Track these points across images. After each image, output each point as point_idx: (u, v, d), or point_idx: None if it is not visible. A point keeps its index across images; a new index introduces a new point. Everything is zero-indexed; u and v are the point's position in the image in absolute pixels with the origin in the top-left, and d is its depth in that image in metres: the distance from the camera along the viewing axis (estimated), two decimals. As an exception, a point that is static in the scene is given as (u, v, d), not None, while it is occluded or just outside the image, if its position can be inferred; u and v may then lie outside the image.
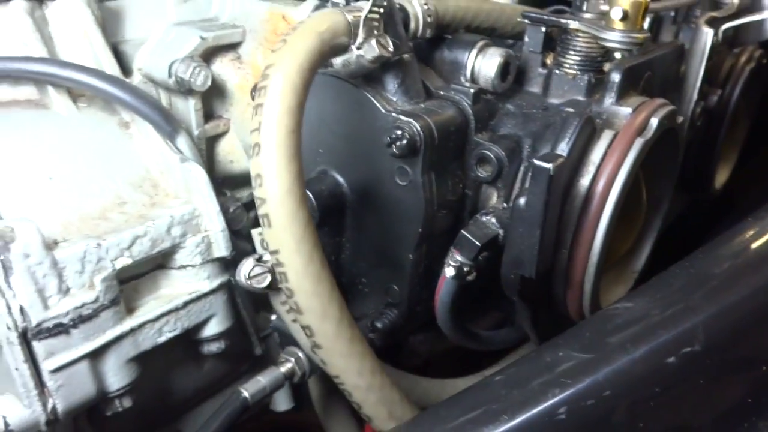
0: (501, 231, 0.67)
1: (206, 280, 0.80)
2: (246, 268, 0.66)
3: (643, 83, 0.73)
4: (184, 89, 0.83)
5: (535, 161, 0.58)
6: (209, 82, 0.84)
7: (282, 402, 1.01)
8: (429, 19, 0.69)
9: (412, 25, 0.69)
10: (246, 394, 0.75)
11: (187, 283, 0.80)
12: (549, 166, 0.58)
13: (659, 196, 0.79)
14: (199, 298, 0.79)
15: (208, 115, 0.90)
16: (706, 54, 0.76)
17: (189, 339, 0.82)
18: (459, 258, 0.67)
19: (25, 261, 0.66)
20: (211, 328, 0.82)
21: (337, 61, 0.65)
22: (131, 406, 0.76)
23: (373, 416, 0.62)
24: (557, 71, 0.71)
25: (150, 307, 0.76)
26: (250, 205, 0.92)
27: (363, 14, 0.62)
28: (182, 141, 0.82)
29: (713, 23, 0.78)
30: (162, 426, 0.89)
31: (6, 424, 0.66)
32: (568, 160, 0.62)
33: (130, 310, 0.75)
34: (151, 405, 0.85)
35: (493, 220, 0.67)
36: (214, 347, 0.84)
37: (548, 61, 0.73)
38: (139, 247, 0.74)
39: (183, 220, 0.78)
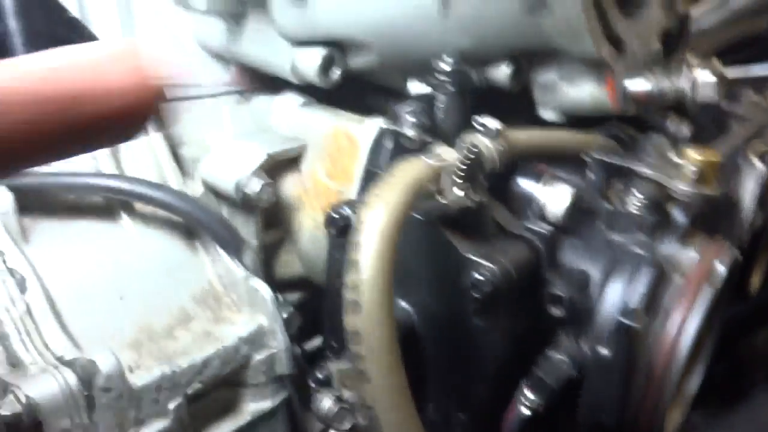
0: (574, 372, 0.69)
1: (269, 398, 0.82)
2: (326, 404, 0.67)
3: (701, 218, 0.76)
4: (249, 204, 0.85)
5: (622, 319, 0.61)
6: (274, 199, 0.86)
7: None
8: (502, 158, 0.72)
9: (487, 165, 0.71)
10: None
11: (251, 400, 0.81)
12: (637, 325, 0.60)
13: (710, 328, 0.81)
14: (262, 417, 0.81)
15: (267, 224, 0.92)
16: (759, 187, 0.80)
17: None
18: (532, 397, 0.68)
19: (106, 395, 0.67)
20: (272, 442, 0.83)
21: (421, 205, 0.67)
22: None
23: None
24: (622, 209, 0.74)
25: (216, 428, 0.77)
26: (299, 307, 0.94)
27: (451, 166, 0.65)
28: (247, 257, 0.84)
29: (763, 156, 0.82)
30: None
31: None
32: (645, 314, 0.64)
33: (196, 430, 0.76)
34: None
35: (566, 359, 0.69)
36: (271, 461, 0.85)
37: (610, 195, 0.76)
38: (210, 370, 0.76)
39: (250, 340, 0.79)
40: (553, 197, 0.74)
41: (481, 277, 0.66)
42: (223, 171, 0.86)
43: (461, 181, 0.66)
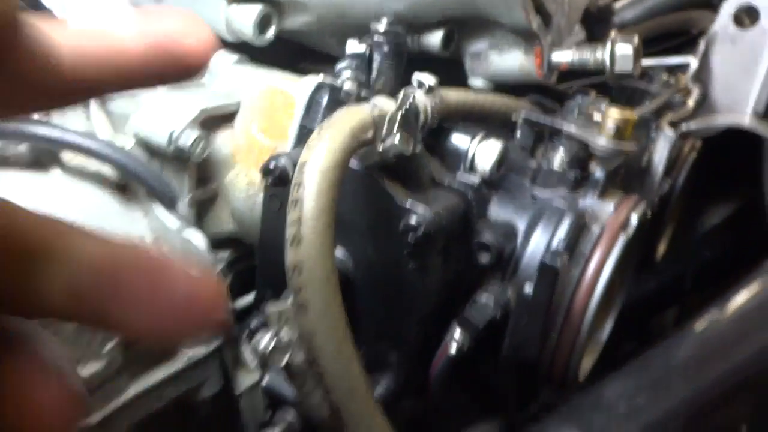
0: (498, 313, 0.73)
1: (203, 344, 0.82)
2: (264, 343, 0.68)
3: (618, 178, 0.82)
4: (182, 158, 0.85)
5: (545, 261, 0.65)
6: (207, 153, 0.86)
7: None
8: (436, 114, 0.75)
9: (422, 118, 0.74)
10: (244, 462, 0.78)
11: (184, 347, 0.81)
12: (558, 266, 0.65)
13: (623, 278, 0.87)
14: (196, 363, 0.81)
15: (198, 180, 0.92)
16: (668, 152, 0.87)
17: (179, 402, 0.84)
18: (459, 337, 0.72)
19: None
20: (206, 391, 0.84)
21: (358, 153, 0.69)
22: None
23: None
24: (546, 166, 0.79)
25: (151, 374, 0.78)
26: (228, 266, 0.95)
27: (389, 114, 0.67)
28: (180, 209, 0.84)
29: (674, 124, 0.89)
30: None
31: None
32: (567, 256, 0.69)
33: (132, 377, 0.76)
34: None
35: (492, 302, 0.74)
36: (206, 409, 0.85)
37: (536, 153, 0.81)
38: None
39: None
40: (483, 153, 0.78)
41: (414, 223, 0.69)
42: (156, 124, 0.86)
43: (398, 129, 0.69)
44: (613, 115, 0.73)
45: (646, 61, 1.09)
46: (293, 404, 0.83)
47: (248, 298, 0.96)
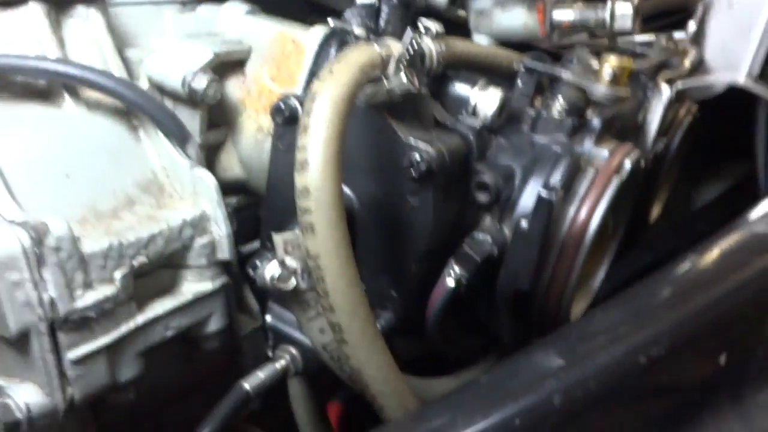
0: (495, 250, 0.76)
1: (209, 280, 0.85)
2: (270, 270, 0.71)
3: (613, 129, 0.85)
4: (195, 100, 0.88)
5: (541, 192, 0.68)
6: (219, 96, 0.89)
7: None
8: (441, 59, 0.78)
9: (427, 63, 0.77)
10: (247, 387, 0.81)
11: (191, 282, 0.84)
12: (552, 197, 0.68)
13: (616, 226, 0.91)
14: (203, 297, 0.84)
15: (209, 125, 0.94)
16: (663, 108, 0.89)
17: (186, 336, 0.87)
18: (458, 271, 0.75)
19: (56, 255, 0.69)
20: (211, 326, 0.87)
21: (366, 90, 0.72)
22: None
23: (387, 406, 0.69)
24: (545, 114, 0.82)
25: (159, 304, 0.81)
26: (236, 211, 0.97)
27: (397, 53, 0.70)
28: (191, 148, 0.87)
29: (670, 82, 0.92)
30: (146, 419, 0.92)
31: (28, 411, 0.69)
32: (563, 192, 0.72)
33: (140, 306, 0.79)
34: (142, 398, 0.88)
35: (489, 239, 0.77)
36: (210, 344, 0.88)
37: (536, 103, 0.84)
38: (154, 247, 0.79)
39: (193, 223, 0.82)
40: (485, 99, 0.80)
41: (417, 158, 0.72)
42: (170, 67, 0.89)
43: (405, 68, 0.72)
44: (610, 62, 0.76)
45: (646, 37, 1.12)
46: (295, 342, 0.87)
47: (254, 245, 0.99)
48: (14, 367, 0.70)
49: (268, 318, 0.88)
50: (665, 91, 0.91)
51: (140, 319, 0.77)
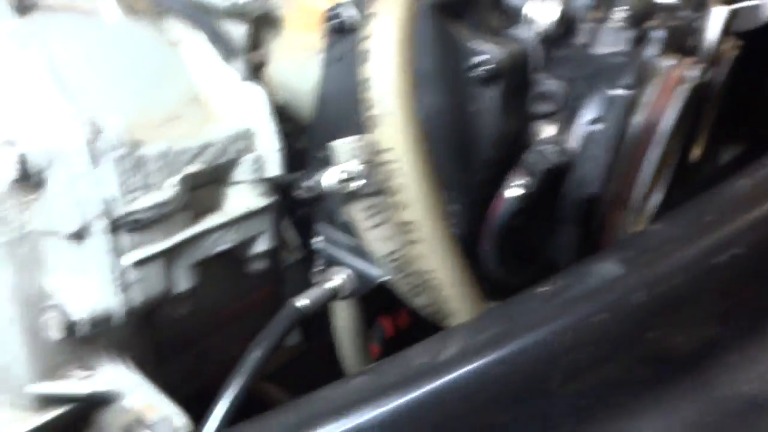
0: (560, 158, 0.75)
1: (259, 197, 0.83)
2: (330, 177, 0.69)
3: (673, 45, 0.83)
4: (239, 13, 0.85)
5: (614, 91, 0.67)
6: (264, 7, 0.86)
7: (291, 336, 1.04)
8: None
9: (488, -33, 0.75)
10: (299, 304, 0.79)
11: (240, 198, 0.82)
12: (627, 93, 0.66)
13: (671, 152, 0.89)
14: (254, 213, 0.82)
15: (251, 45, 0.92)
16: (719, 32, 0.87)
17: (234, 255, 0.85)
18: (523, 180, 0.74)
19: (114, 152, 0.67)
20: (260, 245, 0.85)
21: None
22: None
23: (458, 310, 0.67)
24: (604, 25, 0.80)
25: (210, 218, 0.79)
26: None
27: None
28: (238, 63, 0.84)
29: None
30: (191, 344, 0.90)
31: (86, 313, 0.67)
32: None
33: (193, 219, 0.77)
34: (190, 319, 0.86)
35: (554, 149, 0.75)
36: (257, 265, 0.86)
37: (594, 14, 0.82)
38: (207, 156, 0.77)
39: (242, 136, 0.80)
40: (543, 10, 0.78)
41: (484, 59, 0.70)
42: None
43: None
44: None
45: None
46: (345, 264, 0.85)
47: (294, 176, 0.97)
48: (72, 268, 0.67)
49: (316, 240, 0.86)
50: (720, 13, 0.89)
51: (194, 229, 0.75)
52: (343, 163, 0.72)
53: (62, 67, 0.71)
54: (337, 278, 0.84)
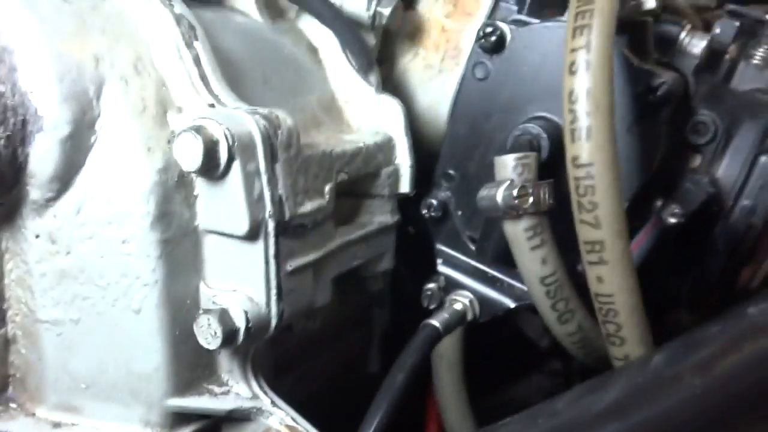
0: (713, 190, 0.74)
1: (389, 213, 0.80)
2: (506, 190, 0.66)
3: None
4: (375, 24, 0.83)
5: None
6: (399, 21, 0.84)
7: (373, 364, 1.00)
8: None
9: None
10: (438, 325, 0.75)
11: (373, 214, 0.79)
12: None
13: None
14: (384, 230, 0.79)
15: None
16: None
17: (355, 274, 0.81)
18: (678, 209, 0.73)
19: (287, 151, 0.63)
20: (384, 264, 0.81)
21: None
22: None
23: (629, 337, 0.65)
24: (745, 61, 0.80)
25: (348, 231, 0.75)
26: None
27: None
28: (373, 75, 0.82)
29: None
30: (291, 366, 0.84)
31: (247, 321, 0.62)
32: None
33: (336, 227, 0.73)
34: (297, 338, 0.82)
35: (706, 180, 0.75)
36: (375, 286, 0.83)
37: (731, 51, 0.83)
38: (354, 165, 0.73)
39: (383, 148, 0.77)
40: (692, 43, 0.79)
41: (658, 83, 0.70)
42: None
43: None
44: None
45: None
46: (468, 288, 0.82)
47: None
48: (233, 272, 0.63)
49: (439, 263, 0.83)
50: None
51: (338, 240, 0.71)
52: (510, 177, 0.69)
53: (228, 59, 0.67)
54: (464, 302, 0.80)
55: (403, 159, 0.79)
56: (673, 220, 0.72)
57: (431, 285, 0.85)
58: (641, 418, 0.54)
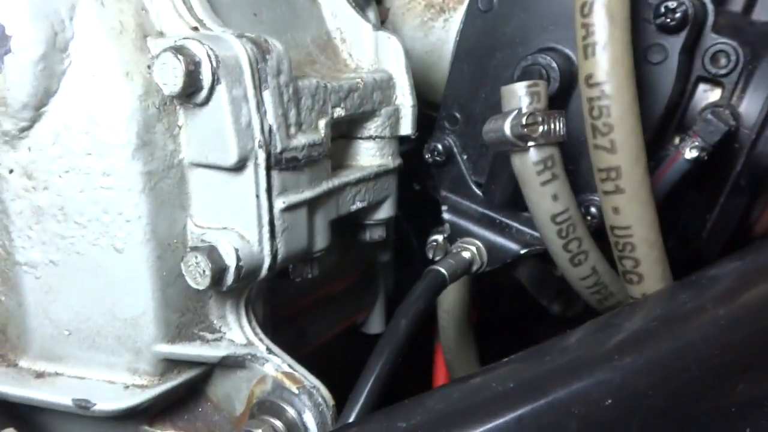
0: (734, 123, 0.69)
1: (390, 157, 0.76)
2: (514, 119, 0.62)
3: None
4: (372, -39, 0.79)
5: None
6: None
7: (376, 325, 0.96)
8: None
9: None
10: (443, 270, 0.71)
11: (372, 156, 0.75)
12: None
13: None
14: (386, 173, 0.75)
15: (370, -1, 0.85)
16: None
17: (354, 220, 0.77)
18: (699, 142, 0.68)
19: (276, 78, 0.59)
20: (385, 211, 0.77)
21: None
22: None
23: (648, 274, 0.60)
24: (766, -9, 0.75)
25: (347, 173, 0.71)
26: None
27: None
28: (371, 11, 0.78)
29: None
30: (290, 320, 0.81)
31: (238, 259, 0.58)
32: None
33: (332, 168, 0.69)
34: (294, 291, 0.78)
35: (728, 112, 0.70)
36: (377, 234, 0.78)
37: (751, -17, 0.78)
38: (351, 102, 0.69)
39: (382, 86, 0.73)
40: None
41: (673, 5, 0.65)
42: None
43: None
44: None
45: None
46: (475, 235, 0.78)
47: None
48: (221, 210, 0.59)
49: (444, 210, 0.79)
50: None
51: (335, 181, 0.67)
52: (516, 109, 0.65)
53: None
54: (470, 249, 0.76)
55: (404, 99, 0.75)
56: (694, 154, 0.68)
57: (436, 236, 0.81)
58: (660, 351, 0.50)
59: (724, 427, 0.50)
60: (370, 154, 0.74)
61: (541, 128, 0.62)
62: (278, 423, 0.60)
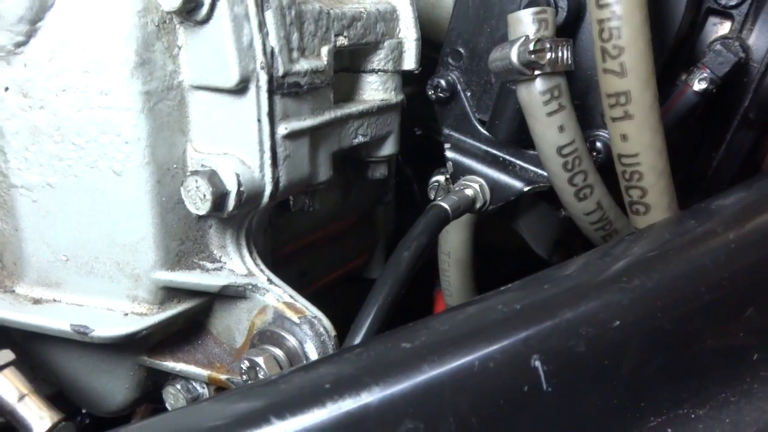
0: (743, 55, 0.68)
1: (393, 92, 0.74)
2: (521, 46, 0.60)
3: None
4: None
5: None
6: None
7: (377, 270, 0.96)
8: None
9: None
10: (446, 206, 0.70)
11: (375, 90, 0.73)
12: None
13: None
14: (389, 107, 0.73)
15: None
16: None
17: (357, 157, 0.75)
18: (708, 73, 0.67)
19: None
20: (388, 148, 0.76)
21: None
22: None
23: (655, 204, 0.60)
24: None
25: (351, 105, 0.69)
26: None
27: None
28: (373, -57, 0.76)
29: None
30: (291, 260, 0.80)
31: (239, 184, 0.56)
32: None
33: (335, 100, 0.67)
34: (294, 229, 0.77)
35: (737, 44, 0.68)
36: (378, 171, 0.77)
37: None
38: (354, 31, 0.67)
39: (386, 18, 0.71)
40: None
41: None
42: None
43: None
44: None
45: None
46: (478, 173, 0.77)
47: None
48: (222, 135, 0.57)
49: (447, 149, 0.78)
50: None
51: (337, 111, 0.66)
52: (523, 36, 0.63)
53: None
54: (473, 187, 0.75)
55: (408, 32, 0.73)
56: (702, 85, 0.67)
57: (438, 176, 0.81)
58: (670, 274, 0.50)
59: (731, 350, 0.50)
60: (372, 88, 0.73)
61: (548, 55, 0.61)
62: (279, 352, 0.59)
